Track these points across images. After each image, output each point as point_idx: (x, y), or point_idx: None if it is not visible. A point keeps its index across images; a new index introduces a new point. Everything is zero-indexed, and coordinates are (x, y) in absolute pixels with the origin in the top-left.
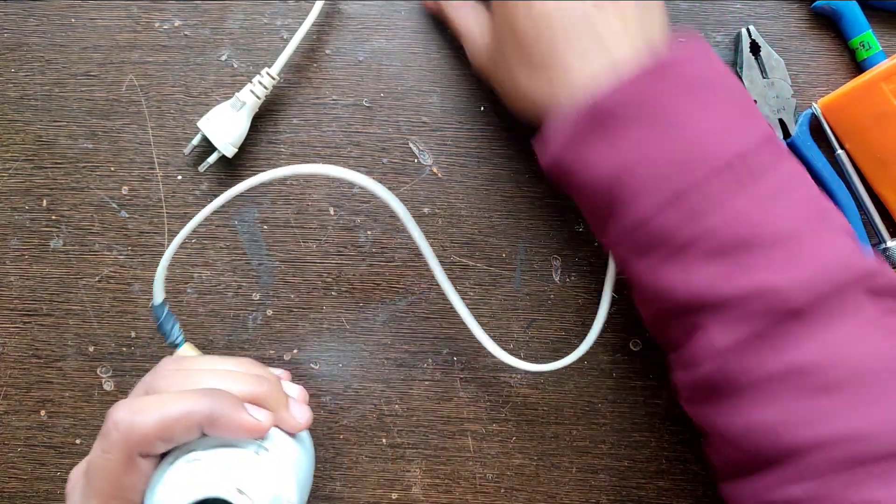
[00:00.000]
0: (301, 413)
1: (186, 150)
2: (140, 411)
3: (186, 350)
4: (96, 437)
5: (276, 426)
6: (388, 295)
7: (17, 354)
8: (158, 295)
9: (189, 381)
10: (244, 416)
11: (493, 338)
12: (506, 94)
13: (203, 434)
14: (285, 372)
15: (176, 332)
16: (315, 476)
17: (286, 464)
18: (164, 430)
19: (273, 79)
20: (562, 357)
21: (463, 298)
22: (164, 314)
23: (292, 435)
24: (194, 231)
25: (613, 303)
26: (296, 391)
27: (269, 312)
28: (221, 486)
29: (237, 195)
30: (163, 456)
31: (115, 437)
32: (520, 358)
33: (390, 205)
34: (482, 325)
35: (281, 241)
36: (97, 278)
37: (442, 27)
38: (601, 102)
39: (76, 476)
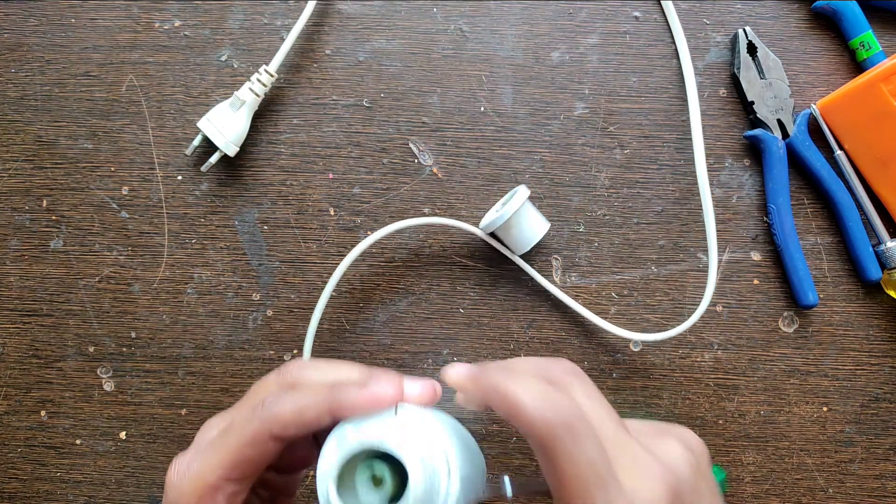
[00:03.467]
0: (421, 383)
1: (188, 151)
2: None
3: None
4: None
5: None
6: (388, 295)
7: (17, 354)
8: None
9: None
10: (367, 389)
11: (493, 338)
12: None
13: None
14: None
15: None
16: None
17: (436, 420)
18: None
19: (271, 76)
20: (559, 357)
21: (463, 299)
22: None
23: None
24: (194, 231)
25: (613, 303)
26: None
27: (269, 312)
28: (384, 435)
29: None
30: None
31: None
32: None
33: None
34: (482, 325)
35: (281, 242)
36: (97, 278)
37: (442, 27)
38: None
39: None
